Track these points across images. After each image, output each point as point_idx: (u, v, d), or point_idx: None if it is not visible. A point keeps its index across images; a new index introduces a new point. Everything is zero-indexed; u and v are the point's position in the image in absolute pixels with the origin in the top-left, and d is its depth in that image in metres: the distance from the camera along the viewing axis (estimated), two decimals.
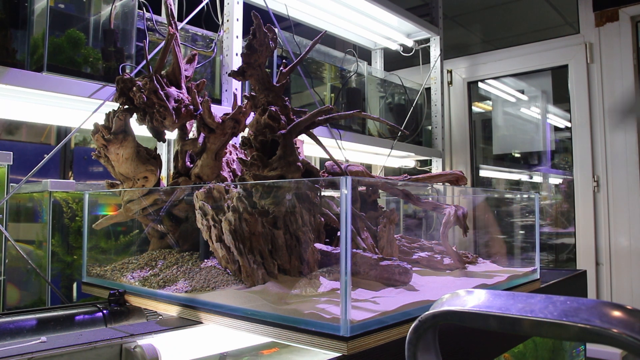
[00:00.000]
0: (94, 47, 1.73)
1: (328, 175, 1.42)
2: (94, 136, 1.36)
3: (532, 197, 1.89)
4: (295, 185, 1.18)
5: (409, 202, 1.56)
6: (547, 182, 4.05)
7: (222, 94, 2.17)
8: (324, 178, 1.32)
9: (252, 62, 1.26)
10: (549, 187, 4.06)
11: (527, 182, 4.18)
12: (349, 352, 0.85)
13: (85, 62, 1.68)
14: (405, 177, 1.58)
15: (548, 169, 4.01)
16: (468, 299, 0.57)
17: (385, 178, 1.79)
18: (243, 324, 1.00)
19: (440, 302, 0.59)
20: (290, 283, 1.10)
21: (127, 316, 1.19)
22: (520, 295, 0.54)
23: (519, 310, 0.51)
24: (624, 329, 0.45)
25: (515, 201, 2.31)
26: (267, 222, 1.15)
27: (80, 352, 0.88)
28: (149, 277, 1.26)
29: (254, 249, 1.12)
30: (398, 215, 1.50)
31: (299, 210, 1.18)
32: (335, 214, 1.30)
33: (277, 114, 1.20)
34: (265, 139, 1.19)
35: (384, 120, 1.38)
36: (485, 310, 0.54)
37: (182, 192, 1.39)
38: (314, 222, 1.22)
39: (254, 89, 1.29)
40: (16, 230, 1.71)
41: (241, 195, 1.14)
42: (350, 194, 0.91)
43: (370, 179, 1.56)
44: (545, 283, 1.59)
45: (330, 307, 0.94)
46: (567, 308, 0.49)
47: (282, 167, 1.16)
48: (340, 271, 0.88)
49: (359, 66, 2.95)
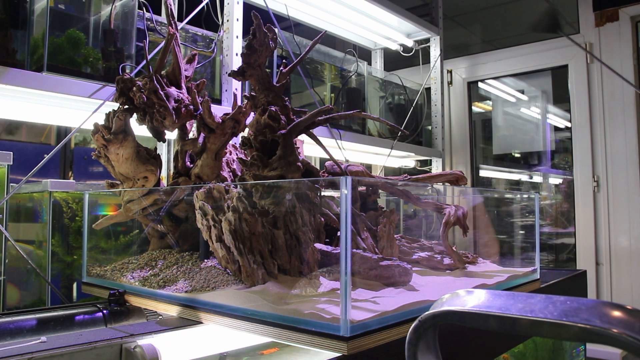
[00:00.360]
0: (94, 47, 1.73)
1: (328, 175, 1.42)
2: (94, 136, 1.36)
3: (532, 197, 1.89)
4: (295, 185, 1.18)
5: (409, 202, 1.56)
6: (547, 182, 4.05)
7: (222, 94, 2.17)
8: (324, 178, 1.32)
9: (252, 62, 1.26)
10: (549, 187, 4.06)
11: (527, 182, 4.18)
12: (349, 352, 0.85)
13: (85, 62, 1.68)
14: (405, 177, 1.58)
15: (548, 169, 4.01)
16: (468, 299, 0.57)
17: (385, 178, 1.80)
18: (243, 324, 1.00)
19: (440, 302, 0.59)
20: (290, 283, 1.10)
21: (127, 316, 1.19)
22: (520, 295, 0.54)
23: (519, 310, 0.51)
24: (624, 329, 0.45)
25: (515, 201, 2.31)
26: (267, 222, 1.15)
27: (80, 352, 0.88)
28: (149, 277, 1.27)
29: (254, 249, 1.12)
30: (398, 215, 1.50)
31: (299, 210, 1.18)
32: (335, 214, 1.30)
33: (277, 114, 1.20)
34: (265, 139, 1.19)
35: (384, 120, 1.38)
36: (485, 310, 0.54)
37: (182, 192, 1.39)
38: (314, 222, 1.22)
39: (254, 89, 1.29)
40: (16, 230, 1.71)
41: (241, 195, 1.14)
42: (351, 194, 0.91)
43: (370, 179, 1.56)
44: (545, 283, 1.59)
45: (330, 307, 0.94)
46: (567, 308, 0.49)
47: (282, 167, 1.16)
48: (340, 271, 0.88)
49: (359, 66, 2.95)
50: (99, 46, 1.75)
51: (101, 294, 1.37)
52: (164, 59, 1.37)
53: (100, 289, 1.39)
